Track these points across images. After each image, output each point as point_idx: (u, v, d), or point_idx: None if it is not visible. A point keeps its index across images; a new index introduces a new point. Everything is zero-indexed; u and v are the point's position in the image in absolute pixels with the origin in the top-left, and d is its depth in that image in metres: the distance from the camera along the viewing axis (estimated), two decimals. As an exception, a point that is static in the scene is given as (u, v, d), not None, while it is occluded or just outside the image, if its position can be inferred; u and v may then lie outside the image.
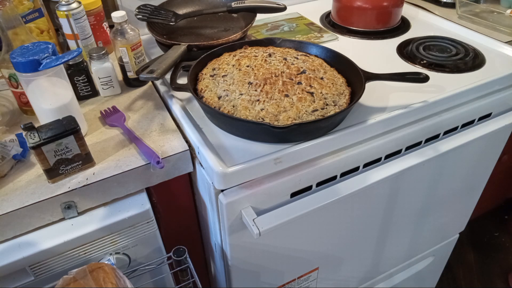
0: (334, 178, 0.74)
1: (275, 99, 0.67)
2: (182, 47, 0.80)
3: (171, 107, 0.77)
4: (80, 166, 0.65)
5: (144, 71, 0.71)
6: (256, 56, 0.78)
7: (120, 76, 0.86)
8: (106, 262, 0.61)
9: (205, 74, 0.76)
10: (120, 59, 0.82)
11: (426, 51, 0.91)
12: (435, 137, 0.82)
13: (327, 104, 0.67)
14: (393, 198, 0.88)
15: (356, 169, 0.75)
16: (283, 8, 0.91)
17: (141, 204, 0.68)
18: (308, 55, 0.80)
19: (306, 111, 0.66)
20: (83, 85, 0.81)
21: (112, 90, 0.83)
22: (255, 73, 0.73)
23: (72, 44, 0.87)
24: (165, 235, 0.77)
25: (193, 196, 0.82)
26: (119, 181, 0.66)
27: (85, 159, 0.65)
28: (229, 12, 0.93)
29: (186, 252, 0.70)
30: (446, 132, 0.83)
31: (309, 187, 0.72)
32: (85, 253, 0.66)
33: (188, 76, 0.73)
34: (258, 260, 0.79)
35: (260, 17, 1.01)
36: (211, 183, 0.65)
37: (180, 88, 0.72)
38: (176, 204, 0.80)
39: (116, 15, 0.77)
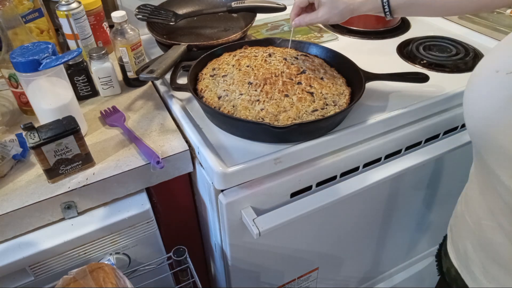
0: (334, 178, 0.74)
1: (275, 99, 0.67)
2: (182, 47, 0.80)
3: (171, 107, 0.77)
4: (80, 166, 0.65)
5: (144, 71, 0.71)
6: (256, 56, 0.78)
7: (120, 76, 0.86)
8: (106, 262, 0.61)
9: (205, 74, 0.76)
10: (120, 59, 0.82)
11: (426, 51, 0.91)
12: (435, 137, 0.82)
13: (327, 104, 0.67)
14: (393, 198, 0.88)
15: (356, 169, 0.75)
16: (283, 8, 0.91)
17: (141, 204, 0.68)
18: (308, 55, 0.80)
19: (306, 111, 0.66)
20: (83, 85, 0.81)
21: (112, 90, 0.83)
22: (255, 73, 0.73)
23: (72, 44, 0.87)
24: (165, 235, 0.77)
25: (193, 196, 0.82)
26: (119, 181, 0.66)
27: (85, 159, 0.65)
28: (229, 12, 0.93)
29: (186, 252, 0.70)
30: (446, 132, 0.82)
31: (309, 187, 0.72)
32: (85, 253, 0.66)
33: (188, 76, 0.73)
34: (258, 260, 0.79)
35: (260, 17, 1.01)
36: (211, 183, 0.65)
37: (180, 88, 0.72)
38: (176, 204, 0.80)
39: (116, 15, 0.77)
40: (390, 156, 0.78)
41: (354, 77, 0.73)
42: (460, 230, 0.59)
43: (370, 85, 0.73)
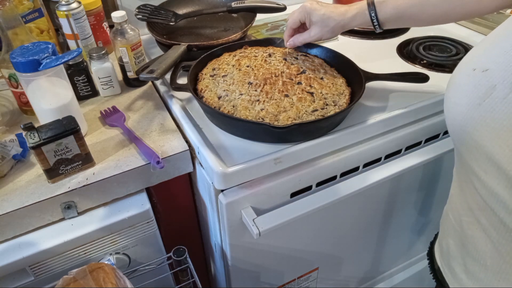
0: (334, 178, 0.74)
1: (275, 99, 0.67)
2: (182, 47, 0.80)
3: (171, 107, 0.77)
4: (80, 166, 0.65)
5: (144, 71, 0.71)
6: (256, 56, 0.78)
7: (120, 76, 0.86)
8: (106, 262, 0.61)
9: (205, 74, 0.76)
10: (120, 59, 0.82)
11: (426, 51, 0.91)
12: (435, 137, 0.82)
13: (327, 104, 0.67)
14: (393, 198, 0.88)
15: (356, 169, 0.75)
16: (283, 8, 0.91)
17: (141, 204, 0.68)
18: (308, 55, 0.80)
19: (306, 111, 0.66)
20: (83, 85, 0.81)
21: (112, 90, 0.83)
22: (255, 73, 0.73)
23: (72, 44, 0.87)
24: (165, 235, 0.77)
25: (193, 196, 0.82)
26: (119, 181, 0.66)
27: (85, 159, 0.65)
28: (229, 12, 0.93)
29: (186, 252, 0.70)
30: (445, 132, 0.83)
31: (309, 187, 0.72)
32: (85, 253, 0.66)
33: (188, 76, 0.73)
34: (258, 260, 0.79)
35: (260, 17, 1.01)
36: (211, 183, 0.65)
37: (180, 88, 0.72)
38: (176, 204, 0.80)
39: (116, 15, 0.77)
40: (390, 156, 0.78)
41: (354, 77, 0.73)
42: (444, 228, 0.61)
43: (370, 85, 0.73)
